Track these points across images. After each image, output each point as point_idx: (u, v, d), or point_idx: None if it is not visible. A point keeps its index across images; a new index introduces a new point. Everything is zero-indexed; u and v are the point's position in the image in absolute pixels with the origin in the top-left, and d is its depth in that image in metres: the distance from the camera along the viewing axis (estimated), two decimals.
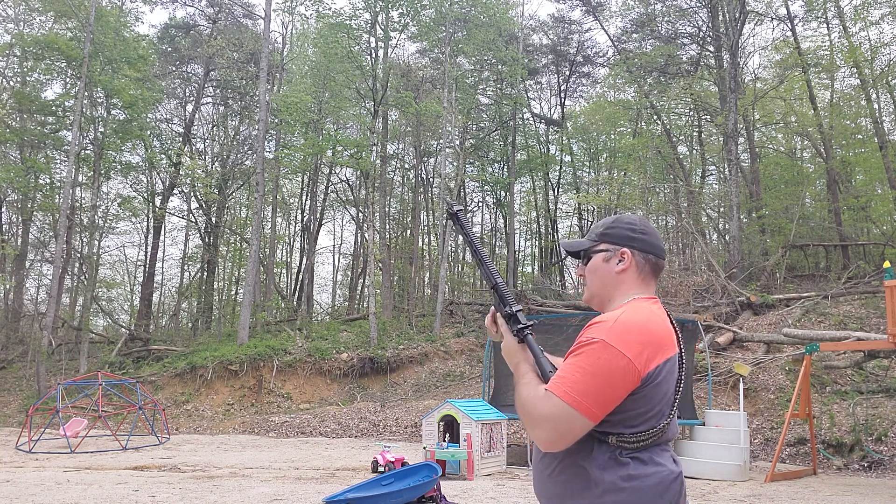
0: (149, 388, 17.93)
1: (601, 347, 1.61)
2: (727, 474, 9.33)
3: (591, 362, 1.60)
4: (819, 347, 10.14)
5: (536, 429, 1.63)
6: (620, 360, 1.60)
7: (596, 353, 1.61)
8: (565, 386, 1.60)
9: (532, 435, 1.66)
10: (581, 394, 1.58)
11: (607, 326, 1.65)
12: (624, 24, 28.10)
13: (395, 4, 22.93)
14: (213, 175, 27.50)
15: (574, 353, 1.66)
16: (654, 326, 1.69)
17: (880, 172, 21.03)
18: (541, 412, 1.61)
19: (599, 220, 1.97)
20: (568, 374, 1.62)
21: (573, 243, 1.94)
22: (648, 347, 1.64)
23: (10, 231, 27.42)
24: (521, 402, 1.69)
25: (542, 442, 1.64)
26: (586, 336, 1.66)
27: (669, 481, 1.66)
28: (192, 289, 30.75)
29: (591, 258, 1.87)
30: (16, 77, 25.88)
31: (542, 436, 1.62)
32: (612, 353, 1.60)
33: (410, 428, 15.03)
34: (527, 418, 1.66)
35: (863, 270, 18.54)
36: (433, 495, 7.22)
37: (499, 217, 33.40)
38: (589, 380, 1.59)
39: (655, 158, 25.72)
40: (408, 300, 26.83)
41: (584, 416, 1.58)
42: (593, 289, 1.88)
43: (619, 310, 1.73)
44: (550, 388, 1.62)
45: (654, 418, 1.67)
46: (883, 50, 22.00)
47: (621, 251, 1.83)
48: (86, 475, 9.49)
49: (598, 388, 1.59)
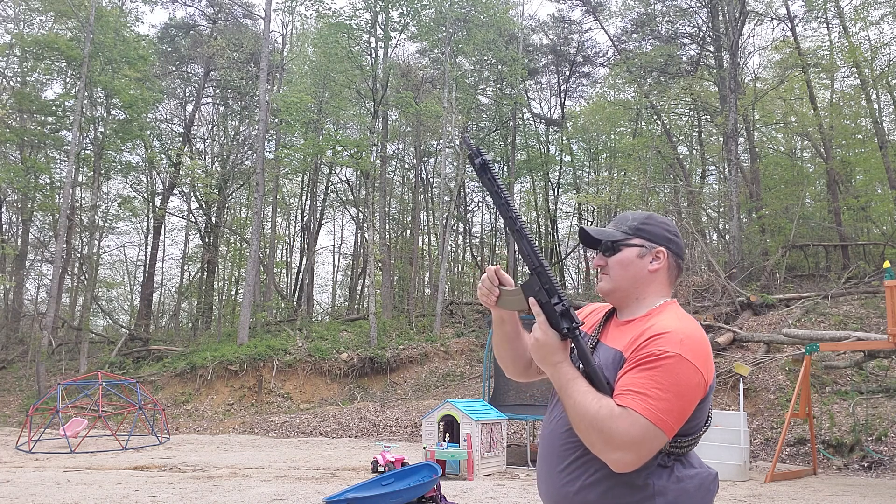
0: (149, 388, 17.93)
1: (678, 362, 1.56)
2: (727, 474, 9.33)
3: (672, 379, 1.54)
4: (819, 347, 10.13)
5: (617, 451, 1.52)
6: (696, 376, 1.56)
7: (674, 369, 1.55)
8: (647, 403, 1.52)
9: (608, 456, 1.54)
10: (664, 412, 1.52)
11: (679, 339, 1.59)
12: (624, 24, 28.11)
13: (395, 4, 22.93)
14: (213, 175, 27.50)
15: (646, 366, 1.57)
16: (706, 336, 1.67)
17: (880, 172, 21.03)
18: (625, 433, 1.51)
19: (622, 214, 1.87)
20: (648, 391, 1.53)
21: (601, 231, 1.83)
22: (709, 358, 1.62)
23: (10, 231, 27.43)
24: (585, 417, 1.56)
25: (620, 464, 1.54)
26: (658, 348, 1.58)
27: (710, 482, 1.67)
28: (192, 289, 30.74)
29: (620, 250, 1.78)
30: (16, 77, 25.89)
31: (625, 459, 1.52)
32: (688, 369, 1.56)
33: (410, 428, 15.02)
34: (599, 437, 1.54)
35: (863, 270, 18.54)
36: (433, 495, 7.22)
37: (499, 217, 33.36)
38: (670, 397, 1.53)
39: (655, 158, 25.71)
40: (408, 300, 26.83)
41: (666, 434, 1.53)
42: (619, 283, 1.78)
43: (673, 316, 1.68)
44: (630, 405, 1.53)
45: (699, 426, 1.67)
46: (883, 50, 22.00)
47: (658, 250, 1.78)
48: (86, 475, 9.49)
49: (679, 405, 1.54)
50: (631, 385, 1.56)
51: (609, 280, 1.79)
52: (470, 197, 33.45)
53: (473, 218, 34.23)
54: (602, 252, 1.80)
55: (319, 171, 28.73)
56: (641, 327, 1.68)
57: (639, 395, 1.53)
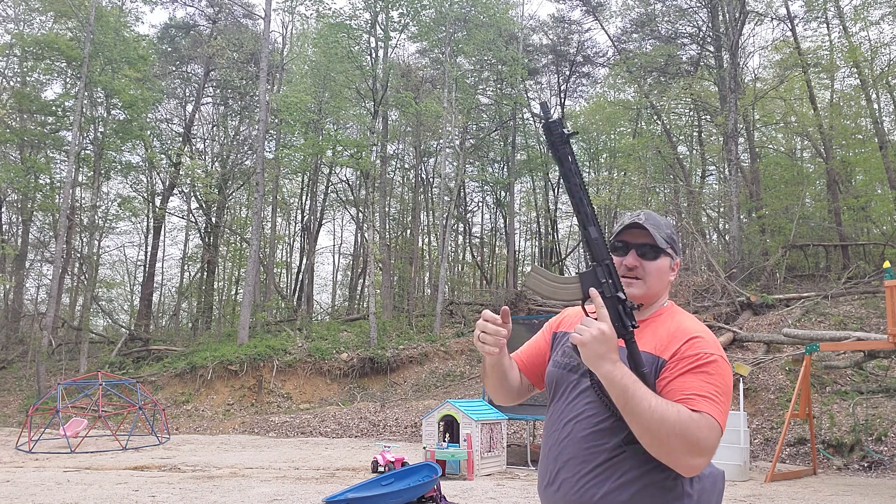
0: (149, 388, 17.93)
1: (722, 365, 1.62)
2: (727, 474, 9.31)
3: (721, 381, 1.59)
4: (819, 347, 10.13)
5: (699, 456, 1.52)
6: (730, 373, 1.65)
7: (721, 371, 1.61)
8: (717, 408, 1.55)
9: (688, 462, 1.52)
10: (724, 414, 1.57)
11: (713, 341, 1.65)
12: (624, 24, 28.12)
13: (395, 4, 22.92)
14: (213, 175, 27.51)
15: (700, 370, 1.59)
16: None
17: (880, 172, 21.02)
18: (707, 438, 1.51)
19: (650, 213, 1.82)
20: (712, 395, 1.56)
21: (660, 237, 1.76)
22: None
23: (10, 231, 27.44)
24: (665, 422, 1.50)
25: (694, 469, 1.54)
26: (702, 350, 1.62)
27: (721, 480, 1.73)
28: (192, 289, 30.74)
29: (659, 258, 1.77)
30: (16, 77, 25.90)
31: (700, 463, 1.53)
32: (728, 370, 1.63)
33: (410, 428, 15.02)
34: (682, 443, 1.50)
35: (863, 270, 18.53)
36: (433, 495, 7.22)
37: (499, 217, 33.41)
38: (724, 399, 1.58)
39: (655, 158, 25.72)
40: (408, 300, 26.84)
41: (722, 434, 1.58)
42: (652, 289, 1.76)
43: (689, 318, 1.74)
44: (707, 410, 1.54)
45: None
46: (883, 50, 22.01)
47: (677, 262, 1.83)
48: (86, 475, 9.49)
49: (727, 405, 1.60)
50: (696, 389, 1.56)
51: (642, 286, 1.75)
52: (470, 197, 33.48)
53: (473, 218, 34.24)
54: (640, 254, 1.75)
55: (319, 171, 28.73)
56: (665, 329, 1.70)
57: (709, 399, 1.55)
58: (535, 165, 31.08)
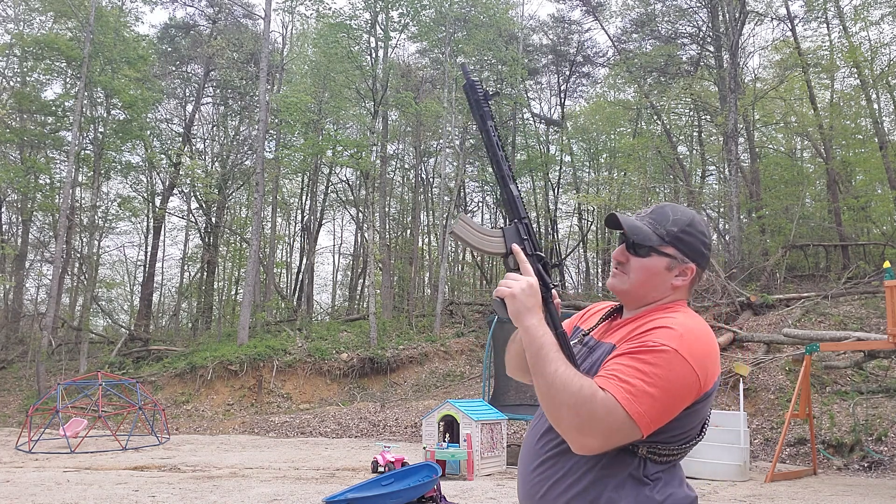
0: (149, 388, 17.92)
1: (673, 358, 1.42)
2: (727, 474, 9.33)
3: (660, 373, 1.41)
4: (819, 347, 10.13)
5: (588, 436, 1.40)
6: (689, 376, 1.43)
7: (666, 364, 1.42)
8: (629, 394, 1.39)
9: (577, 438, 1.42)
10: (645, 406, 1.39)
11: (678, 334, 1.46)
12: (624, 24, 28.12)
13: (395, 4, 22.93)
14: (213, 175, 27.51)
15: (637, 356, 1.44)
16: (714, 340, 1.53)
17: (880, 172, 21.03)
18: (600, 419, 1.38)
19: (663, 207, 1.66)
20: (632, 380, 1.41)
21: (635, 227, 1.62)
22: (711, 362, 1.48)
23: (10, 231, 27.44)
24: (564, 391, 1.41)
25: (584, 448, 1.43)
26: (655, 339, 1.46)
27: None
28: (192, 289, 30.74)
29: (650, 255, 1.60)
30: (16, 77, 25.89)
31: (591, 444, 1.41)
32: (682, 367, 1.42)
33: (410, 428, 15.02)
34: (575, 418, 1.40)
35: (863, 270, 18.53)
36: (433, 495, 7.22)
37: (499, 217, 33.41)
38: (654, 391, 1.40)
39: (655, 158, 25.71)
40: (408, 300, 26.83)
41: (642, 430, 1.40)
42: (635, 287, 1.62)
43: (679, 314, 1.54)
44: (612, 391, 1.40)
45: (689, 435, 1.53)
46: (883, 50, 22.01)
47: (688, 266, 1.61)
48: (86, 475, 9.49)
49: (662, 402, 1.40)
50: (617, 371, 1.43)
51: (625, 280, 1.63)
52: (470, 197, 33.47)
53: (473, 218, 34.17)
54: (627, 247, 1.63)
55: (319, 171, 28.73)
56: (643, 320, 1.57)
57: (621, 382, 1.41)
58: (535, 165, 31.07)
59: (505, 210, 1.69)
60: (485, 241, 1.65)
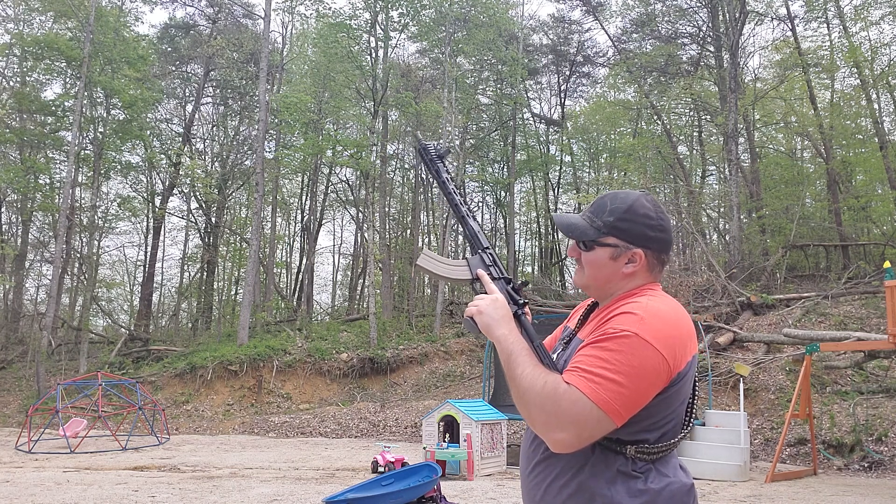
0: (148, 388, 17.92)
1: (635, 343, 1.42)
2: (727, 474, 9.32)
3: (623, 359, 1.41)
4: (819, 348, 10.12)
5: (558, 431, 1.41)
6: (655, 359, 1.42)
7: (629, 349, 1.42)
8: (593, 383, 1.40)
9: (549, 435, 1.43)
10: (611, 393, 1.39)
11: (639, 317, 1.46)
12: (624, 24, 28.11)
13: (395, 4, 22.92)
14: (213, 175, 27.50)
15: (599, 345, 1.45)
16: (683, 320, 1.52)
17: (880, 172, 21.02)
18: (566, 412, 1.39)
19: (602, 198, 1.67)
20: (595, 369, 1.41)
21: (571, 225, 1.66)
22: (679, 343, 1.47)
23: (10, 231, 27.43)
24: (530, 390, 1.44)
25: (559, 444, 1.43)
26: (615, 326, 1.46)
27: (682, 494, 1.50)
28: (192, 289, 30.74)
29: (593, 248, 1.62)
30: (16, 77, 25.88)
31: (564, 439, 1.41)
32: (646, 350, 1.42)
33: (410, 428, 15.02)
34: (542, 415, 1.42)
35: (863, 270, 18.53)
36: (433, 495, 7.21)
37: (499, 217, 33.42)
38: (619, 378, 1.40)
39: (655, 158, 25.71)
40: (408, 300, 26.82)
41: (612, 419, 1.40)
42: (591, 280, 1.64)
43: (643, 297, 1.54)
44: (575, 382, 1.41)
45: (672, 423, 1.52)
46: (883, 50, 22.01)
47: (633, 252, 1.60)
48: (85, 475, 9.48)
49: (629, 388, 1.40)
50: (580, 362, 1.44)
51: (583, 276, 1.66)
52: (470, 197, 33.44)
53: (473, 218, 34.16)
54: (578, 245, 1.66)
55: (319, 171, 28.73)
56: (608, 310, 1.57)
57: (584, 372, 1.42)
58: (535, 165, 31.08)
59: (468, 244, 1.81)
60: (451, 270, 1.77)
